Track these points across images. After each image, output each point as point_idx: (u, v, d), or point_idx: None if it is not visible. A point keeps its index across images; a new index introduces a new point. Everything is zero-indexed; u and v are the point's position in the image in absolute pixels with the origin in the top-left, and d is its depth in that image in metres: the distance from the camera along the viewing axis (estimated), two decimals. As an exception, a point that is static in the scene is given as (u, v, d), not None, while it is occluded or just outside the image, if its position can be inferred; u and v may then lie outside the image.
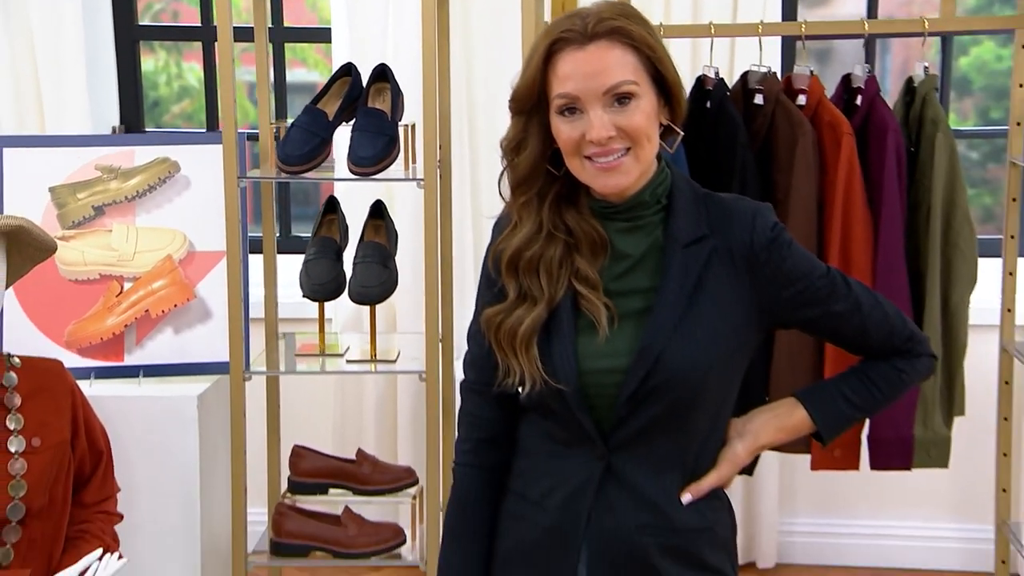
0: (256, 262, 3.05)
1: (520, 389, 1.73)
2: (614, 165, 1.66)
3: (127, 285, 2.92)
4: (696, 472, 1.75)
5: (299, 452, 2.98)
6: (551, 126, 1.69)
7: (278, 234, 3.71)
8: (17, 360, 2.44)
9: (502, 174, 1.76)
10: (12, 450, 2.36)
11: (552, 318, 1.70)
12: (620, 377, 1.68)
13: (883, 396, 1.84)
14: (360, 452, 2.99)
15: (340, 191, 3.48)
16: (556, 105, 1.67)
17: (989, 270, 3.06)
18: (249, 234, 2.99)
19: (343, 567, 3.76)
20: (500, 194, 1.78)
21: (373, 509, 3.02)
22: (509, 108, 1.73)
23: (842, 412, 1.83)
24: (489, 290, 1.78)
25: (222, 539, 2.89)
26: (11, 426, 2.37)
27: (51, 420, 2.42)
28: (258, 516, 2.98)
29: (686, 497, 1.73)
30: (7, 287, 2.44)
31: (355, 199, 3.29)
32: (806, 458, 2.90)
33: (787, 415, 1.84)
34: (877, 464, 2.79)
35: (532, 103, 1.70)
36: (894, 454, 2.77)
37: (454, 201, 3.15)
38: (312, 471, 2.96)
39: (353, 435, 3.76)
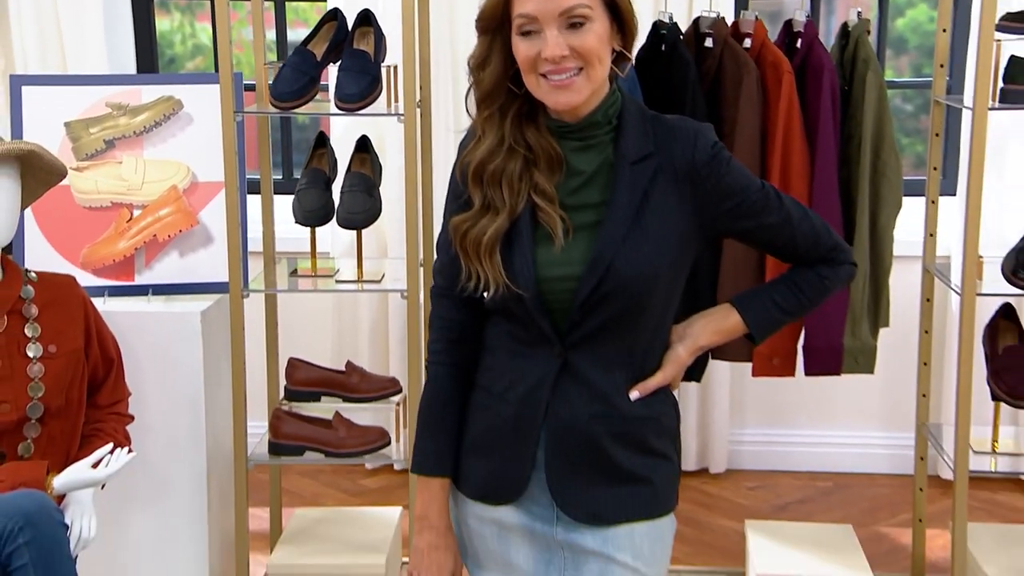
0: (257, 198, 3.12)
1: (484, 294, 1.78)
2: (567, 83, 1.70)
3: (136, 212, 2.98)
4: (643, 369, 1.81)
5: (294, 364, 3.06)
6: (512, 45, 1.73)
7: (282, 176, 3.78)
8: (34, 275, 2.51)
9: (469, 90, 1.81)
10: (31, 355, 2.43)
11: (513, 228, 1.75)
12: (574, 284, 1.73)
13: (808, 301, 1.89)
14: (349, 364, 3.07)
15: (335, 130, 3.56)
16: (516, 25, 1.70)
17: (918, 206, 3.14)
18: (253, 176, 3.06)
19: (334, 465, 3.87)
20: (467, 110, 1.82)
21: (361, 415, 3.10)
22: (476, 27, 1.77)
23: (772, 315, 1.89)
24: (455, 200, 1.82)
25: (225, 441, 2.98)
26: (29, 334, 2.44)
27: (66, 329, 2.49)
28: (258, 428, 3.05)
29: (634, 394, 1.78)
30: (23, 209, 2.50)
31: (348, 137, 3.36)
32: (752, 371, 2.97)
33: (723, 319, 1.89)
34: (811, 370, 2.89)
35: (496, 23, 1.73)
36: (826, 361, 2.86)
37: (438, 138, 3.22)
38: (306, 381, 3.05)
39: (349, 351, 3.89)
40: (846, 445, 4.45)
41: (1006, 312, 3.01)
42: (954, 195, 3.78)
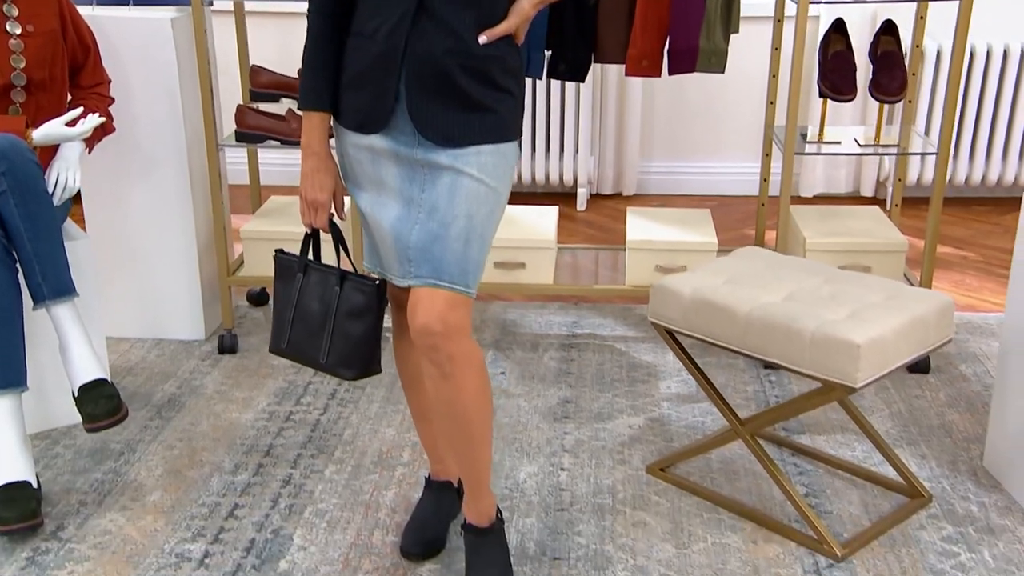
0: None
1: None
2: None
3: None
4: (492, 16, 1.69)
5: (257, 70, 2.93)
6: None
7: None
8: None
9: None
10: (10, 31, 2.28)
11: None
12: None
13: None
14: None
15: None
16: None
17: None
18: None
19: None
20: None
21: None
22: None
23: None
24: None
25: (198, 127, 2.89)
26: (8, 13, 2.28)
27: (42, 12, 2.36)
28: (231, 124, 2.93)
29: (482, 39, 1.68)
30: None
31: None
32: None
33: None
34: (673, 70, 2.72)
35: None
36: (685, 61, 2.70)
37: None
38: (267, 84, 2.91)
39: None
40: (730, 173, 4.34)
41: (837, 26, 2.79)
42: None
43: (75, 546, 2.03)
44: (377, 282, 1.78)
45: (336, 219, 1.84)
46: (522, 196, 4.37)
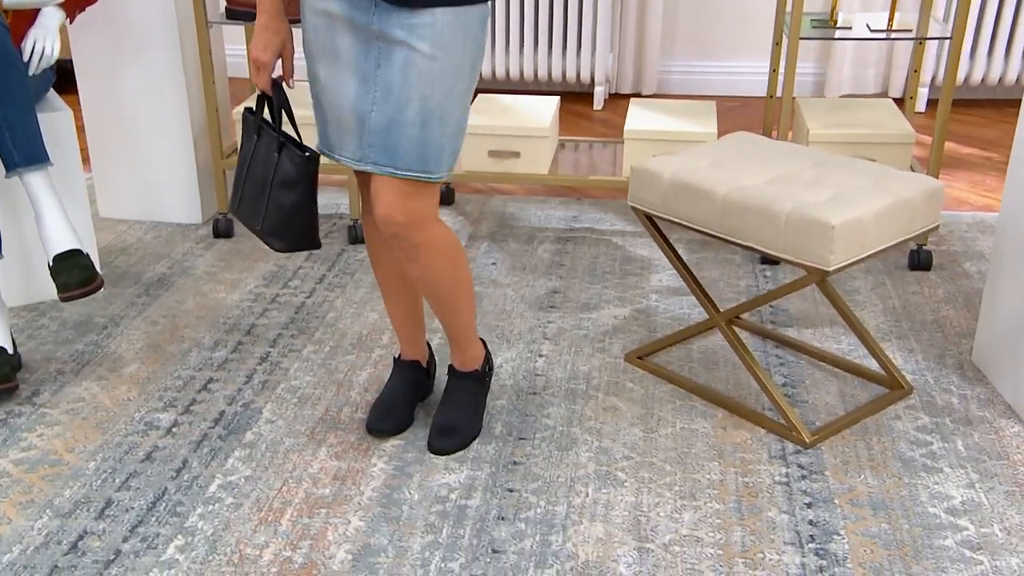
0: None
1: None
2: None
3: None
4: None
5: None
6: None
7: None
8: None
9: None
10: None
11: None
12: None
13: None
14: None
15: None
16: None
17: None
18: None
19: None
20: None
21: None
22: None
23: None
24: None
25: (189, 5, 2.84)
26: None
27: None
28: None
29: None
30: None
31: None
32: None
33: None
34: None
35: None
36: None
37: None
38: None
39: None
40: (754, 73, 4.18)
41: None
42: None
43: (48, 411, 2.07)
44: (307, 155, 1.73)
45: (284, 84, 1.79)
46: (537, 95, 4.27)
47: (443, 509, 1.77)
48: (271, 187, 1.75)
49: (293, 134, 1.84)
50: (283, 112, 1.78)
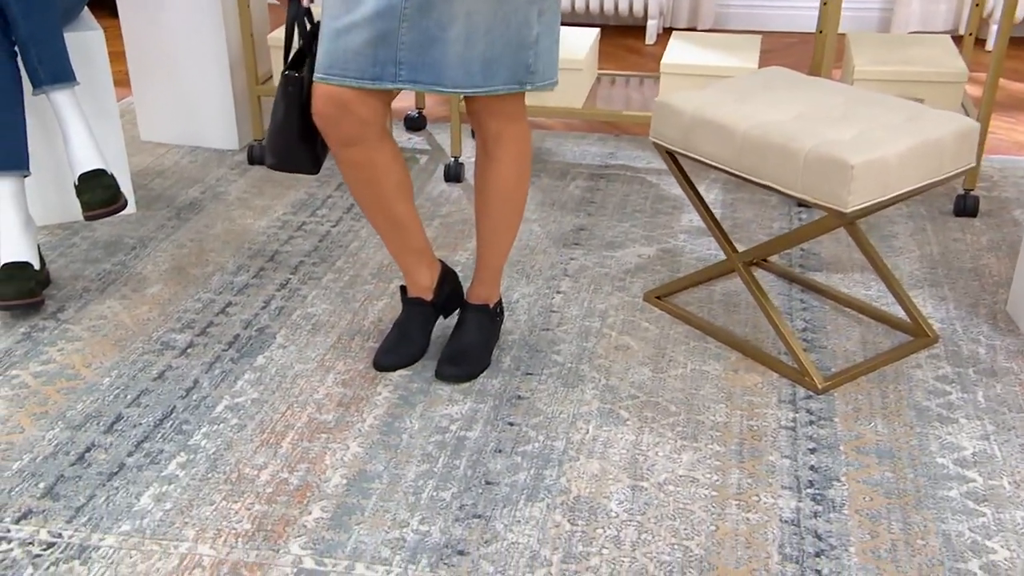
0: None
1: None
2: None
3: None
4: None
5: None
6: None
7: None
8: None
9: None
10: None
11: None
12: None
13: None
14: None
15: None
16: None
17: None
18: None
19: None
20: None
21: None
22: None
23: None
24: None
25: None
26: None
27: None
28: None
29: None
30: None
31: None
32: None
33: None
34: None
35: None
36: None
37: None
38: None
39: None
40: (813, 9, 4.00)
41: None
42: None
43: (70, 327, 2.13)
44: (287, 73, 1.73)
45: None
46: (589, 27, 4.17)
47: (442, 440, 1.78)
48: (275, 102, 1.79)
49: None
50: (295, 27, 1.77)
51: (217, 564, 1.50)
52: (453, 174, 2.81)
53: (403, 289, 2.04)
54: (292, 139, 1.76)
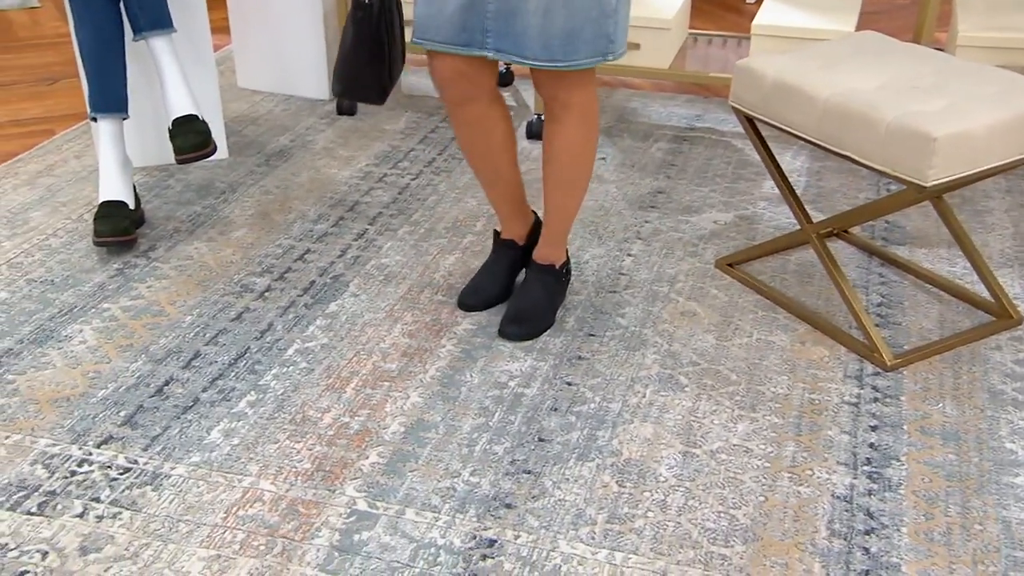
0: None
1: None
2: None
3: None
4: None
5: None
6: None
7: None
8: None
9: None
10: None
11: None
12: None
13: None
14: None
15: None
16: None
17: None
18: None
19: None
20: None
21: None
22: None
23: None
24: None
25: None
26: None
27: None
28: None
29: None
30: None
31: None
32: None
33: None
34: None
35: None
36: None
37: None
38: None
39: None
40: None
41: None
42: None
43: (159, 265, 2.22)
44: (367, 1, 1.74)
45: None
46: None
47: (499, 395, 1.81)
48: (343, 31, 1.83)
49: None
50: None
51: (276, 499, 1.57)
52: (535, 131, 2.80)
53: (496, 234, 2.08)
54: (360, 67, 1.79)
